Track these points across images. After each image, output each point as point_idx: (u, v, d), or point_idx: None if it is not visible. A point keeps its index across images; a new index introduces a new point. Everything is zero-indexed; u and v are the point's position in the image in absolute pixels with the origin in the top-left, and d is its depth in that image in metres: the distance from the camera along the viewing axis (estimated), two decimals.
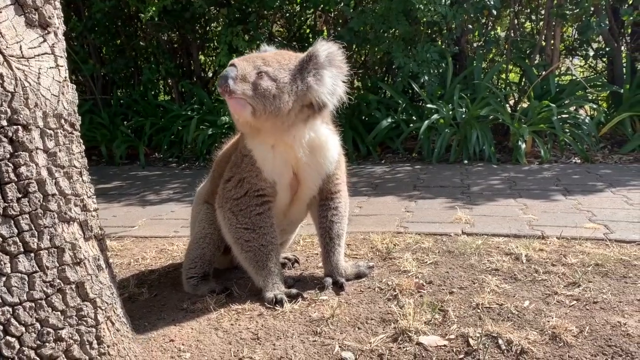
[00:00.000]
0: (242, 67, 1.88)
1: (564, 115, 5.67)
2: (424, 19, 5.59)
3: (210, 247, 2.21)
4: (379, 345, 1.70)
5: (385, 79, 7.15)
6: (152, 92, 7.55)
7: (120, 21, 7.50)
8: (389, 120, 6.00)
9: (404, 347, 1.68)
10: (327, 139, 2.07)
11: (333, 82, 1.95)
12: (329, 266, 2.20)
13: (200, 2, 6.23)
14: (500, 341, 1.69)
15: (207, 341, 1.77)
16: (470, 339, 1.71)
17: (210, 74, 7.98)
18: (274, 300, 1.98)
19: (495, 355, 1.63)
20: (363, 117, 6.39)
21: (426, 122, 5.59)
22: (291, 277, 2.28)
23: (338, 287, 2.12)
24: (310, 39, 7.32)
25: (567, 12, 5.95)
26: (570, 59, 7.56)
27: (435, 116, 5.65)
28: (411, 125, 5.96)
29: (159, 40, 7.34)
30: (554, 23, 6.19)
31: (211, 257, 2.22)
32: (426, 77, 5.79)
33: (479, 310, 1.90)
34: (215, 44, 7.35)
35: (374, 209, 3.61)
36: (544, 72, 6.09)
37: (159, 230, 3.35)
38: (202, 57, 7.89)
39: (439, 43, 6.52)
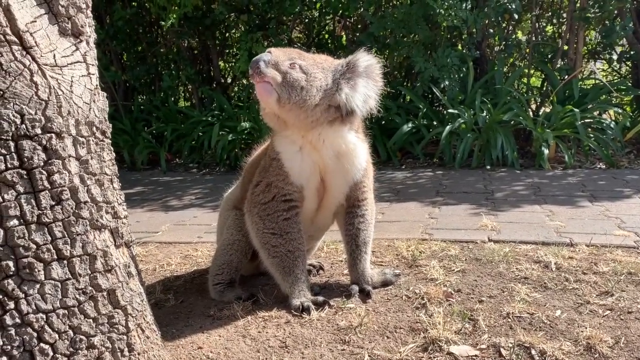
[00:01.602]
0: (276, 55, 1.91)
1: (587, 120, 5.59)
2: (445, 24, 5.55)
3: (237, 254, 2.20)
4: (409, 355, 1.67)
5: (405, 83, 7.11)
6: (172, 98, 7.61)
7: (141, 28, 7.59)
8: (410, 125, 5.97)
9: (434, 357, 1.65)
10: (356, 146, 2.06)
11: (366, 93, 1.97)
12: (355, 274, 2.18)
13: (221, 9, 6.28)
14: (533, 352, 1.65)
15: (235, 349, 1.76)
16: (502, 349, 1.68)
17: (229, 80, 8.03)
18: (301, 307, 1.97)
19: None
20: (382, 122, 6.37)
21: (448, 126, 5.55)
22: (317, 285, 2.27)
23: (365, 295, 2.11)
24: (329, 45, 7.33)
25: (590, 15, 5.86)
26: (593, 62, 7.45)
27: (458, 120, 5.60)
28: (431, 130, 5.92)
29: (180, 46, 7.40)
30: (576, 26, 6.10)
31: (238, 264, 2.22)
32: (447, 82, 5.74)
33: (509, 320, 1.87)
34: (235, 50, 7.40)
35: (397, 215, 3.58)
36: (566, 77, 6.01)
37: (183, 235, 3.36)
38: (221, 64, 7.94)
39: (460, 47, 6.47)
